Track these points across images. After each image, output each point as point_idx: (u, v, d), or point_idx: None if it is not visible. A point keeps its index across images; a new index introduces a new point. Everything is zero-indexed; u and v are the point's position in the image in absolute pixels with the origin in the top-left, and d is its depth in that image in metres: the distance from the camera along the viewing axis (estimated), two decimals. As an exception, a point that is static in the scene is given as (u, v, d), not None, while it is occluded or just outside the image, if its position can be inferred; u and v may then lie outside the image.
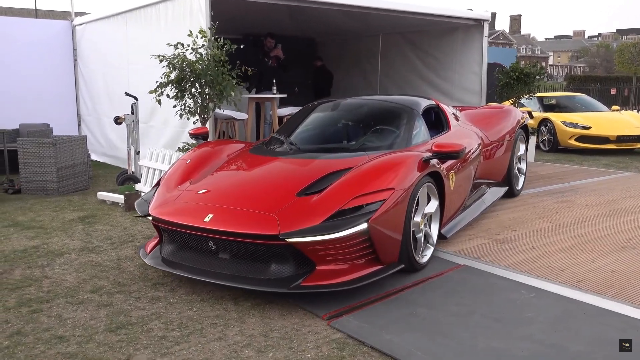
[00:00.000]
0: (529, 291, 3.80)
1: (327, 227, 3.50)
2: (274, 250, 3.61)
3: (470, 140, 5.51)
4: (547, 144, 12.26)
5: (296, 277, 3.55)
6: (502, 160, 6.30)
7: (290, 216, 3.59)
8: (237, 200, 3.90)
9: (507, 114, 6.75)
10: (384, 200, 3.66)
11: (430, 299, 3.70)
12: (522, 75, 9.64)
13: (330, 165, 4.21)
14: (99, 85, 9.96)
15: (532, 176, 8.11)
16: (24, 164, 7.09)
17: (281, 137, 5.02)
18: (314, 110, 5.66)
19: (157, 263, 3.98)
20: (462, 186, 5.03)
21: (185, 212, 3.93)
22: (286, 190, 3.90)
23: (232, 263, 3.72)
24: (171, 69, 6.15)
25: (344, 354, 3.05)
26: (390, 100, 5.69)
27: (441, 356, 2.97)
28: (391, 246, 3.79)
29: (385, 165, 4.00)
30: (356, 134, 5.16)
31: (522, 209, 6.05)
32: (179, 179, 4.35)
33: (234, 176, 4.40)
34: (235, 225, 3.63)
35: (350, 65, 12.34)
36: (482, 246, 4.75)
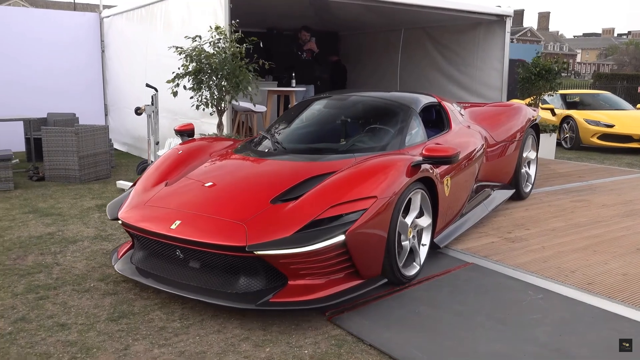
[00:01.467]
0: (536, 292, 3.64)
1: (299, 239, 3.11)
2: (243, 262, 3.23)
3: (472, 141, 5.05)
4: (569, 142, 11.93)
5: (266, 292, 3.18)
6: (509, 161, 5.78)
7: (260, 226, 3.21)
8: (207, 206, 3.51)
9: (516, 112, 6.17)
10: (365, 210, 3.26)
11: (435, 298, 3.56)
12: (543, 71, 9.33)
13: (312, 169, 3.78)
14: (124, 77, 9.99)
15: (550, 174, 7.86)
16: (48, 152, 7.13)
17: (268, 136, 4.60)
18: (307, 106, 5.21)
19: (126, 270, 3.64)
20: (460, 191, 4.58)
21: (152, 218, 3.55)
22: (261, 196, 3.50)
23: (201, 274, 3.36)
24: (189, 61, 6.10)
25: (341, 351, 2.94)
26: (386, 97, 5.14)
27: (440, 357, 2.85)
28: (373, 259, 3.41)
29: (369, 171, 3.59)
30: (347, 133, 4.64)
31: (537, 207, 5.84)
32: (156, 179, 3.99)
33: (210, 178, 3.89)
34: (201, 234, 3.25)
35: (372, 60, 12.15)
36: (492, 244, 4.58)
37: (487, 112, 6.15)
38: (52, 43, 10.13)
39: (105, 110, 10.85)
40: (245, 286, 3.24)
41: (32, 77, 9.88)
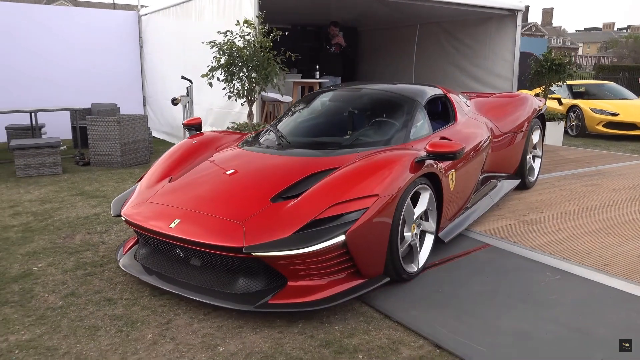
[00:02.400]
0: (554, 273, 3.49)
1: (298, 239, 2.80)
2: (242, 262, 2.93)
3: (478, 133, 4.63)
4: (575, 130, 11.63)
5: (265, 293, 2.89)
6: (515, 151, 5.36)
7: (259, 225, 2.90)
8: (208, 203, 3.20)
9: (522, 102, 5.69)
10: (366, 209, 2.93)
11: (456, 278, 3.43)
12: (554, 65, 9.08)
13: (315, 165, 3.44)
14: (160, 70, 9.92)
15: (560, 160, 7.62)
16: (92, 139, 7.11)
17: (273, 129, 4.23)
18: (313, 99, 4.80)
19: (129, 266, 3.36)
20: (466, 185, 4.17)
21: (153, 215, 3.26)
22: (261, 193, 3.17)
23: (201, 273, 3.08)
24: (221, 55, 5.99)
25: (370, 327, 2.84)
26: (392, 89, 4.64)
27: (465, 335, 2.72)
28: (375, 259, 3.08)
29: (371, 168, 3.23)
30: (351, 126, 4.28)
31: (550, 192, 5.64)
32: (160, 175, 3.70)
33: (212, 175, 3.59)
34: (199, 234, 2.95)
35: (388, 54, 11.91)
36: (509, 227, 4.42)
37: (493, 102, 5.68)
38: (94, 40, 10.09)
39: (144, 101, 10.81)
40: (245, 287, 2.95)
41: (77, 71, 9.88)
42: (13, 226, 4.48)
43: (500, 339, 2.69)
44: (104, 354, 2.56)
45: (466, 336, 2.71)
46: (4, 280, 3.37)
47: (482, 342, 2.65)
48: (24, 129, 8.19)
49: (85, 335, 2.72)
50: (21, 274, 3.48)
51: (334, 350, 2.62)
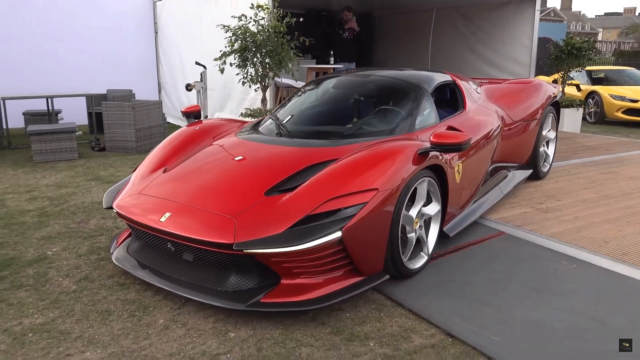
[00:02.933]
0: (570, 262, 3.41)
1: (292, 236, 2.64)
2: (234, 258, 2.78)
3: (488, 122, 4.38)
4: (594, 116, 11.37)
5: (258, 291, 2.75)
6: (527, 141, 5.10)
7: (251, 221, 2.74)
8: (200, 197, 3.04)
9: (535, 89, 5.39)
10: (365, 204, 2.76)
11: (470, 266, 3.37)
12: (574, 50, 8.85)
13: (314, 155, 3.25)
14: (175, 56, 9.89)
15: (577, 147, 7.46)
16: (108, 125, 7.13)
17: (273, 118, 4.03)
18: (317, 85, 4.57)
19: (121, 260, 3.23)
20: (473, 176, 3.96)
21: (144, 208, 3.11)
22: (256, 186, 3.01)
23: (192, 269, 2.93)
24: (234, 39, 5.93)
25: (381, 315, 2.81)
26: (397, 76, 4.37)
27: (478, 324, 2.68)
28: (373, 256, 2.92)
29: (371, 160, 3.05)
30: (354, 115, 4.10)
31: (567, 179, 5.52)
32: (156, 165, 3.55)
33: (206, 166, 3.43)
34: (189, 229, 2.80)
35: (404, 39, 11.73)
36: (525, 215, 4.33)
37: (505, 89, 5.37)
38: (110, 25, 10.08)
39: (159, 87, 10.81)
40: (236, 284, 2.80)
41: (92, 57, 9.89)
42: (29, 211, 4.51)
43: (513, 328, 2.64)
44: (115, 338, 2.57)
45: (479, 325, 2.66)
46: (19, 264, 3.40)
47: (495, 331, 2.60)
48: (41, 115, 8.24)
49: (97, 320, 2.73)
50: (36, 258, 3.50)
51: (345, 338, 2.59)
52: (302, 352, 2.47)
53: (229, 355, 2.44)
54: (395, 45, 11.87)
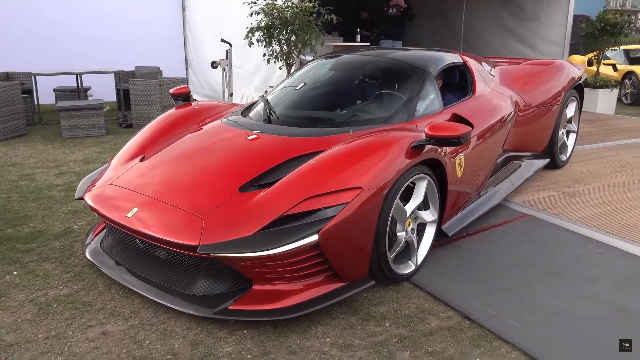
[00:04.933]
0: (595, 247, 3.32)
1: (263, 239, 2.40)
2: (203, 260, 2.55)
3: (499, 108, 3.97)
4: (630, 98, 10.98)
5: (227, 297, 2.53)
6: (545, 127, 4.66)
7: (221, 220, 2.51)
8: (171, 190, 2.79)
9: (556, 70, 4.90)
10: (346, 204, 2.49)
11: (491, 249, 3.32)
12: (608, 26, 8.46)
13: (298, 146, 2.97)
14: (202, 33, 9.89)
15: (610, 129, 7.21)
16: (135, 101, 7.21)
17: (264, 101, 3.67)
18: (314, 66, 4.24)
19: (93, 254, 3.04)
20: (477, 170, 3.58)
21: (113, 201, 2.88)
22: (231, 180, 2.76)
23: (162, 269, 2.71)
24: (263, 16, 5.88)
25: (399, 296, 2.80)
26: (399, 57, 3.97)
27: (497, 308, 2.64)
28: (356, 261, 2.65)
29: (358, 153, 2.76)
30: (350, 100, 3.79)
31: (597, 162, 5.35)
32: (133, 152, 3.31)
33: (183, 155, 3.17)
34: (154, 227, 2.58)
35: (436, 15, 11.43)
36: (550, 198, 4.22)
37: (523, 71, 4.90)
38: (138, 3, 10.13)
39: (186, 65, 10.85)
40: (205, 288, 2.58)
41: (121, 34, 9.96)
42: (57, 185, 4.62)
43: (533, 314, 2.60)
44: (136, 311, 2.62)
45: (498, 310, 2.63)
46: (46, 237, 3.49)
47: (514, 316, 2.57)
48: (71, 91, 8.38)
49: (119, 293, 2.79)
50: (62, 231, 3.59)
51: (361, 318, 2.60)
52: (317, 330, 2.49)
53: (245, 331, 2.47)
54: (425, 23, 11.57)
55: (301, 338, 2.43)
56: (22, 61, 8.73)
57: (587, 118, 7.78)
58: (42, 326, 2.50)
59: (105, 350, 2.32)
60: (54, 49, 9.28)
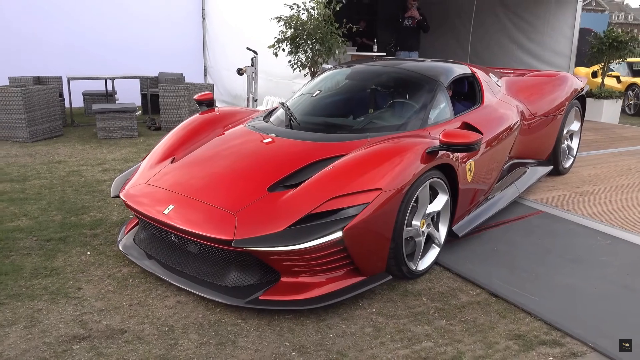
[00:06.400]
0: (605, 238, 3.71)
1: (292, 234, 2.62)
2: (234, 254, 2.79)
3: (506, 117, 4.20)
4: (633, 108, 11.41)
5: (257, 288, 2.77)
6: (548, 136, 4.91)
7: (252, 217, 2.73)
8: (204, 190, 3.04)
9: (560, 82, 5.16)
10: (367, 204, 2.72)
11: (511, 238, 3.70)
12: (615, 42, 8.93)
13: (321, 150, 3.21)
14: (222, 41, 10.33)
15: (615, 137, 7.61)
16: (164, 105, 7.61)
17: (284, 108, 3.89)
18: (330, 76, 4.49)
19: (128, 249, 3.28)
20: (486, 175, 3.81)
21: (149, 199, 3.12)
22: (259, 180, 3.00)
23: (195, 262, 2.96)
24: (287, 28, 6.31)
25: (431, 277, 3.18)
26: (412, 68, 4.21)
27: (518, 286, 3.02)
28: (375, 257, 2.89)
29: (377, 157, 3.00)
30: (366, 108, 4.01)
31: (603, 166, 5.75)
32: (164, 154, 3.55)
33: (213, 157, 3.43)
34: (191, 223, 2.80)
35: (444, 26, 11.88)
36: (562, 196, 4.62)
37: (528, 82, 5.14)
38: (160, 11, 10.57)
39: (205, 71, 11.29)
40: (236, 280, 2.81)
41: (144, 41, 10.38)
42: (104, 180, 5.01)
43: (551, 291, 2.98)
44: (202, 285, 2.99)
45: (520, 288, 3.00)
46: (108, 224, 3.88)
47: (535, 293, 2.94)
48: (99, 95, 8.80)
49: (184, 270, 3.16)
50: (120, 220, 3.97)
51: (400, 293, 2.97)
52: (363, 302, 2.86)
53: (301, 302, 2.84)
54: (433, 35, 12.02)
55: (350, 308, 2.80)
56: (49, 66, 9.18)
57: (593, 127, 8.20)
58: (124, 296, 2.88)
59: (184, 315, 2.70)
60: (83, 57, 9.71)
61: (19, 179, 5.00)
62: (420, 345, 2.50)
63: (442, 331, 2.62)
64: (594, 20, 18.64)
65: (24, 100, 6.48)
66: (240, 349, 2.43)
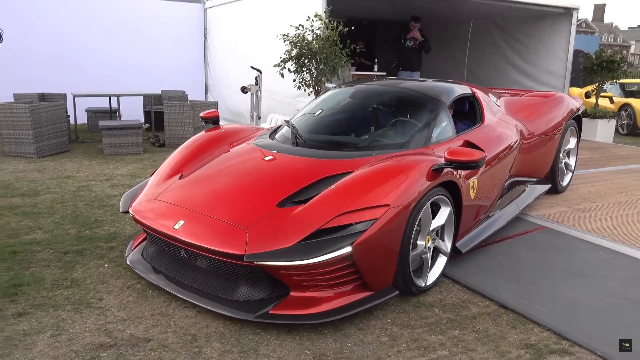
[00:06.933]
0: (606, 253, 3.84)
1: (302, 249, 2.67)
2: (244, 269, 2.82)
3: (506, 136, 4.31)
4: (626, 128, 11.69)
5: (267, 302, 2.80)
6: (546, 155, 5.04)
7: (263, 233, 2.79)
8: (213, 205, 3.10)
9: (557, 102, 5.29)
10: (376, 220, 2.78)
11: (516, 253, 3.83)
12: (606, 63, 9.20)
13: (328, 167, 3.28)
14: (223, 60, 10.52)
15: (611, 156, 7.81)
16: (168, 122, 7.74)
17: (289, 126, 3.96)
18: (333, 94, 4.60)
19: (135, 263, 3.34)
20: (488, 192, 3.90)
21: (159, 214, 3.18)
22: (269, 196, 3.06)
23: (204, 276, 3.00)
24: (292, 47, 6.48)
25: (442, 289, 3.28)
26: (415, 88, 4.35)
27: (526, 298, 3.13)
28: (383, 272, 2.94)
29: (384, 174, 3.06)
30: (370, 126, 4.11)
31: (601, 184, 5.91)
32: (172, 170, 3.62)
33: (222, 173, 3.50)
34: (201, 238, 2.85)
35: (441, 49, 12.16)
36: (563, 213, 4.76)
37: (526, 102, 5.25)
38: (162, 30, 10.78)
39: (206, 89, 11.46)
40: (246, 294, 2.86)
41: (146, 59, 10.58)
42: (114, 195, 5.10)
43: (556, 303, 3.09)
44: (220, 296, 3.08)
45: (527, 300, 3.11)
46: (122, 238, 3.96)
47: (541, 305, 3.05)
48: (102, 112, 8.92)
49: (202, 282, 3.25)
50: (135, 233, 4.05)
51: (413, 305, 3.08)
52: (377, 313, 2.96)
53: (317, 312, 2.93)
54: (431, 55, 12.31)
55: (366, 319, 2.90)
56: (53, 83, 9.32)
57: (588, 145, 8.41)
58: (145, 306, 2.96)
59: (205, 324, 2.79)
60: (85, 75, 9.86)
61: (30, 193, 5.08)
62: (435, 353, 2.60)
63: (456, 340, 2.72)
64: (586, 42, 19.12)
65: (31, 117, 6.59)
66: (262, 357, 2.52)
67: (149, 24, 10.66)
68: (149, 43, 10.65)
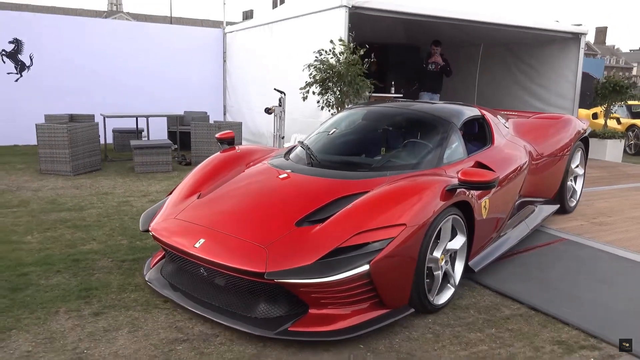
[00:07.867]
0: (628, 262, 4.11)
1: (321, 267, 2.75)
2: (264, 286, 2.89)
3: (516, 158, 4.40)
4: (634, 148, 12.02)
5: (286, 320, 2.86)
6: (555, 176, 5.14)
7: (282, 251, 2.87)
8: (233, 224, 3.18)
9: (564, 124, 5.41)
10: (392, 239, 2.86)
11: (541, 262, 4.10)
12: (617, 87, 9.62)
13: (343, 187, 3.37)
14: (243, 82, 10.93)
15: (621, 175, 8.11)
16: (195, 142, 8.09)
17: (303, 146, 4.09)
18: (346, 115, 4.73)
19: (155, 281, 3.41)
20: (499, 212, 3.96)
21: (179, 233, 3.27)
22: (287, 216, 3.14)
23: (224, 294, 3.06)
24: (317, 72, 6.85)
25: (474, 294, 3.56)
26: (426, 110, 4.43)
27: (552, 301, 3.40)
28: (399, 290, 3.02)
29: (399, 194, 3.16)
30: (383, 147, 4.20)
31: (615, 200, 6.21)
32: (190, 190, 3.73)
33: (240, 192, 3.60)
34: (222, 256, 2.93)
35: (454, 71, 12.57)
36: (581, 226, 5.04)
37: (534, 124, 5.36)
38: (184, 54, 11.24)
39: (224, 110, 11.87)
40: (265, 311, 2.92)
41: (169, 82, 11.03)
42: (155, 210, 5.40)
43: (584, 306, 3.36)
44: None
45: (553, 302, 3.38)
46: (171, 248, 4.26)
47: (570, 308, 3.32)
48: (129, 132, 9.30)
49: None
50: (182, 244, 4.35)
51: (450, 307, 3.35)
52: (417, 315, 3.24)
53: (364, 313, 3.21)
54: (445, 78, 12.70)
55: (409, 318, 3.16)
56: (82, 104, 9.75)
57: (598, 165, 8.72)
58: (206, 307, 3.24)
59: (264, 322, 3.06)
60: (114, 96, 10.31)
61: (75, 208, 5.40)
62: (476, 348, 2.87)
63: (494, 337, 2.99)
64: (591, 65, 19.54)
65: (68, 137, 6.94)
66: (322, 350, 2.79)
67: (172, 47, 11.12)
68: (171, 67, 11.10)
